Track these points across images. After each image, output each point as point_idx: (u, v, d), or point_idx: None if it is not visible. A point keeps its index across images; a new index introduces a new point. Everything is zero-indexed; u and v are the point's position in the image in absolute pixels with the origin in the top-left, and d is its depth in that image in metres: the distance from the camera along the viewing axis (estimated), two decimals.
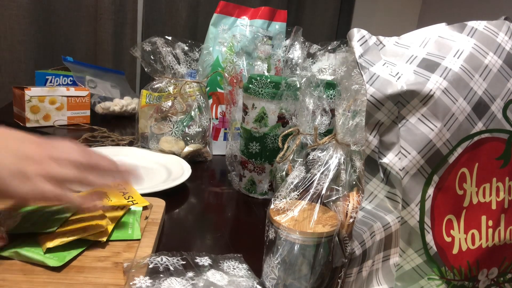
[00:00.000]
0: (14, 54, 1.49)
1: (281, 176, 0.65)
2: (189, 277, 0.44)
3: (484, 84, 0.43)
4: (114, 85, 1.40)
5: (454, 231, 0.45)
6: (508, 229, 0.47)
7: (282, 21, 1.00)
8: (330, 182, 0.46)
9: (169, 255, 0.48)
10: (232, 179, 0.81)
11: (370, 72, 0.42)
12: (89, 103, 1.16)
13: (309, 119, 0.59)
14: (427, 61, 0.42)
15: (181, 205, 0.71)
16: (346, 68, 0.46)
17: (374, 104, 0.41)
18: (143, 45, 0.91)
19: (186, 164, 0.83)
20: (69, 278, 0.43)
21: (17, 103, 1.09)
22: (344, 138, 0.48)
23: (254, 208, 0.73)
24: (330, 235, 0.43)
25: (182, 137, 0.92)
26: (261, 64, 0.84)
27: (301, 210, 0.45)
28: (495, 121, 0.44)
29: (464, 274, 0.45)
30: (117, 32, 1.63)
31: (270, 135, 0.72)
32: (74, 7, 1.59)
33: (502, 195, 0.46)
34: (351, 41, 0.43)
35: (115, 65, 1.65)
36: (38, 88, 1.07)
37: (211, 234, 0.61)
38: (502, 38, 0.44)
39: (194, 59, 0.93)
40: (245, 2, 1.64)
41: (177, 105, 0.92)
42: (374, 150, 0.43)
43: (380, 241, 0.45)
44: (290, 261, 0.44)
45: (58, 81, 1.27)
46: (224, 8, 0.98)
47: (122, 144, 0.98)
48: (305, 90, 0.59)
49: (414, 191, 0.43)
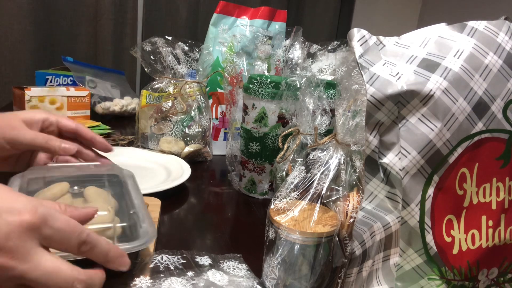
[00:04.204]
0: (14, 54, 1.49)
1: (281, 176, 0.65)
2: (189, 277, 0.44)
3: (484, 84, 0.43)
4: (114, 85, 1.40)
5: (454, 231, 0.45)
6: (508, 229, 0.47)
7: (282, 21, 1.01)
8: (330, 182, 0.46)
9: (170, 253, 0.48)
10: (232, 179, 0.81)
11: (370, 72, 0.42)
12: (89, 103, 1.16)
13: (309, 119, 0.59)
14: (427, 61, 0.42)
15: (181, 205, 0.71)
16: (346, 68, 0.46)
17: (374, 104, 0.41)
18: (143, 45, 0.91)
19: (185, 165, 0.83)
20: None
21: (17, 103, 1.09)
22: (344, 138, 0.48)
23: (254, 208, 0.73)
24: (330, 235, 0.43)
25: (182, 137, 0.92)
26: (261, 64, 0.84)
27: (301, 210, 0.45)
28: (495, 121, 0.44)
29: (464, 274, 0.45)
30: (117, 32, 1.63)
31: (270, 135, 0.72)
32: (74, 7, 1.59)
33: (502, 195, 0.46)
34: (351, 41, 0.43)
35: (115, 65, 1.65)
36: (38, 88, 1.07)
37: (211, 234, 0.61)
38: (502, 38, 0.44)
39: (194, 59, 0.93)
40: (245, 2, 1.64)
41: (177, 105, 0.92)
42: (374, 150, 0.43)
43: (380, 241, 0.45)
44: (290, 261, 0.44)
45: (58, 81, 1.27)
46: (224, 8, 0.98)
47: (122, 144, 0.98)
48: (305, 90, 0.59)
49: (414, 191, 0.43)
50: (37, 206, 0.33)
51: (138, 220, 0.43)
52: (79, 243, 0.35)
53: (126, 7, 1.63)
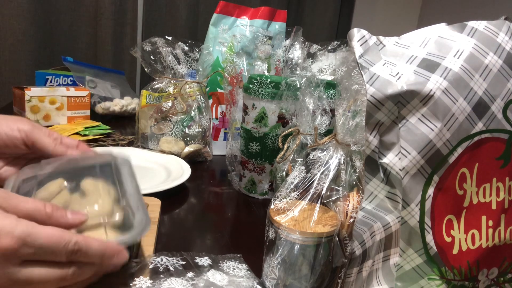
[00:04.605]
0: (14, 54, 1.49)
1: (281, 176, 0.65)
2: (189, 277, 0.44)
3: (484, 84, 0.43)
4: (114, 85, 1.40)
5: (454, 231, 0.45)
6: (508, 229, 0.47)
7: (282, 21, 1.01)
8: (330, 182, 0.46)
9: (169, 255, 0.48)
10: (232, 179, 0.81)
11: (370, 72, 0.42)
12: (89, 103, 1.16)
13: (309, 119, 0.59)
14: (427, 61, 0.42)
15: (181, 205, 0.71)
16: (346, 68, 0.46)
17: (374, 104, 0.41)
18: (143, 45, 0.91)
19: (185, 165, 0.83)
20: None
21: (17, 103, 1.09)
22: (344, 138, 0.48)
23: (254, 208, 0.73)
24: (330, 235, 0.43)
25: (182, 137, 0.92)
26: (261, 64, 0.84)
27: (301, 210, 0.45)
28: (495, 121, 0.44)
29: (464, 274, 0.45)
30: (117, 32, 1.63)
31: (270, 135, 0.72)
32: (74, 7, 1.59)
33: (502, 195, 0.46)
34: (351, 41, 0.43)
35: (115, 65, 1.65)
36: (38, 88, 1.07)
37: (211, 234, 0.61)
38: (502, 38, 0.44)
39: (194, 59, 0.93)
40: (245, 2, 1.64)
41: (177, 105, 0.92)
42: (374, 150, 0.43)
43: (380, 241, 0.45)
44: (290, 261, 0.44)
45: (58, 81, 1.27)
46: (224, 8, 0.98)
47: (122, 144, 0.99)
48: (305, 90, 0.59)
49: (414, 191, 0.43)
50: (14, 228, 0.32)
51: (131, 209, 0.42)
52: (67, 254, 0.34)
53: (126, 7, 1.63)
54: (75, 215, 0.38)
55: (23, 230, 0.32)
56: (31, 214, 0.35)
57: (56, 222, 0.36)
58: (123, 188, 0.45)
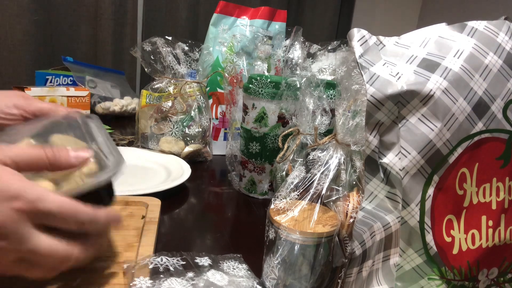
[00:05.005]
0: (14, 54, 1.48)
1: (281, 176, 0.65)
2: (189, 277, 0.44)
3: (484, 84, 0.43)
4: (114, 85, 1.40)
5: (454, 231, 0.45)
6: (508, 229, 0.47)
7: (282, 21, 1.01)
8: (330, 182, 0.46)
9: (169, 255, 0.48)
10: (232, 179, 0.81)
11: (370, 72, 0.42)
12: (89, 103, 1.15)
13: (309, 119, 0.59)
14: (427, 61, 0.42)
15: (181, 205, 0.71)
16: (346, 68, 0.46)
17: (374, 104, 0.41)
18: (143, 45, 0.91)
19: (186, 165, 0.83)
20: (70, 277, 0.43)
21: None
22: (344, 138, 0.48)
23: (254, 208, 0.73)
24: (330, 235, 0.43)
25: (182, 137, 0.92)
26: (261, 64, 0.84)
27: (301, 210, 0.45)
28: (495, 121, 0.44)
29: (464, 274, 0.45)
30: (117, 32, 1.63)
31: (270, 135, 0.72)
32: (74, 7, 1.59)
33: (502, 195, 0.46)
34: (351, 41, 0.43)
35: (115, 65, 1.65)
36: (38, 88, 1.07)
37: (211, 234, 0.61)
38: (502, 38, 0.44)
39: (194, 59, 0.93)
40: (245, 2, 1.64)
41: (177, 105, 0.92)
42: (374, 150, 0.43)
43: (380, 241, 0.45)
44: (290, 261, 0.44)
45: (58, 81, 1.27)
46: (224, 8, 0.98)
47: (122, 144, 0.98)
48: (305, 90, 0.59)
49: (414, 191, 0.43)
50: (28, 190, 0.33)
51: (104, 154, 0.42)
52: (77, 224, 0.35)
53: (126, 7, 1.63)
54: (77, 154, 0.38)
55: (36, 194, 0.33)
56: (33, 163, 0.36)
57: (60, 166, 0.37)
58: (93, 138, 0.46)
